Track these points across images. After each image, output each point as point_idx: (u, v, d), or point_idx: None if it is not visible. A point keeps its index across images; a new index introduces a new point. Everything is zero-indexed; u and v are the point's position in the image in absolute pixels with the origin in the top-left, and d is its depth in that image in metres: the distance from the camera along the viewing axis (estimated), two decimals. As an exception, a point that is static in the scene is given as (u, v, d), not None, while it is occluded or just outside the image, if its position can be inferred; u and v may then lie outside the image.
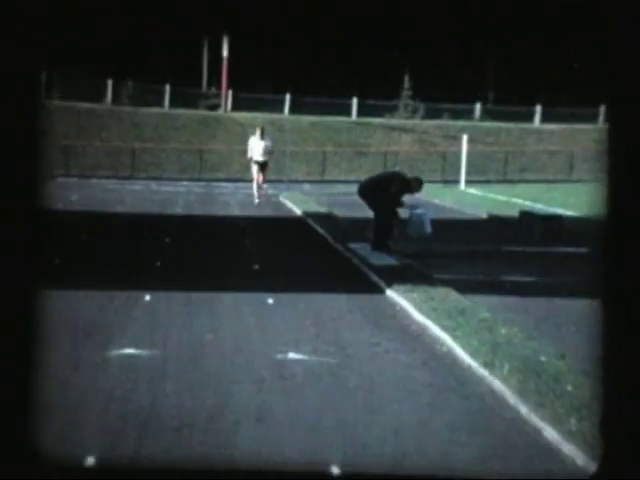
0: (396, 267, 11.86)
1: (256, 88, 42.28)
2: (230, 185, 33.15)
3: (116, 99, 42.08)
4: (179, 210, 21.77)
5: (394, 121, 45.60)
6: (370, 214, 14.13)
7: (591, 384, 6.19)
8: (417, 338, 8.05)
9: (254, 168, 22.44)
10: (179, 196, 26.74)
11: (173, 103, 42.92)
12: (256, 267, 12.26)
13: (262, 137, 22.34)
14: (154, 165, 37.78)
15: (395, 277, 10.73)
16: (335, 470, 4.72)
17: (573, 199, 26.63)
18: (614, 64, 3.49)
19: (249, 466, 4.85)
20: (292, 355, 7.28)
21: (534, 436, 5.36)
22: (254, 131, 23.70)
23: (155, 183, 33.10)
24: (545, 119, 47.51)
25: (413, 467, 4.80)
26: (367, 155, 42.25)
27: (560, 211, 21.32)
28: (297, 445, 5.18)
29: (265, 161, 22.26)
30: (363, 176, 23.00)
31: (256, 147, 22.27)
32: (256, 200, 22.20)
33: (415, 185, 14.04)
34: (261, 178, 22.40)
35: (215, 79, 45.14)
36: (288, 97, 44.96)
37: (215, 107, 44.21)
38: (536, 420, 5.53)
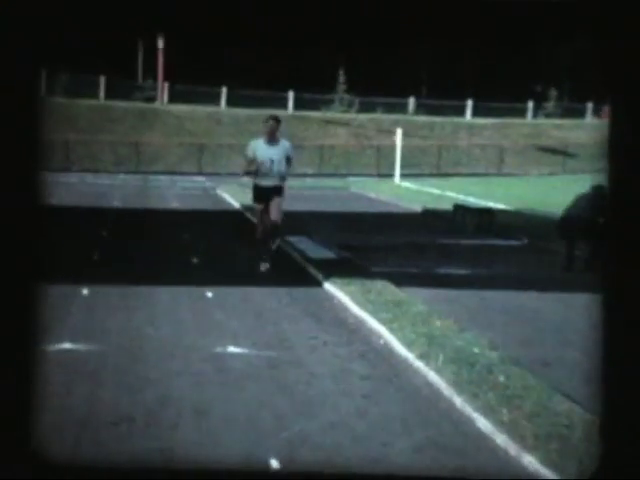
0: (333, 260, 11.99)
1: (193, 80, 42.12)
2: (167, 178, 33.00)
3: (50, 90, 41.55)
4: (116, 203, 21.63)
5: (330, 114, 45.84)
6: (306, 207, 14.19)
7: (521, 374, 6.39)
8: (355, 331, 8.18)
9: (257, 204, 11.45)
10: (116, 189, 26.56)
11: (108, 95, 42.56)
12: (195, 260, 12.30)
13: (274, 139, 11.10)
14: (89, 157, 37.42)
15: (332, 270, 10.86)
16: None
17: (504, 192, 27.10)
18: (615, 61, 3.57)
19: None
20: (231, 349, 7.35)
21: (468, 426, 5.50)
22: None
23: (91, 175, 32.79)
24: (476, 113, 48.31)
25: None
26: (304, 148, 42.31)
27: (492, 204, 21.69)
28: (236, 438, 5.24)
29: (279, 187, 11.27)
30: (300, 169, 22.96)
31: (264, 158, 11.11)
32: (263, 265, 11.34)
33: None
34: (271, 219, 11.31)
35: (151, 71, 44.84)
36: (225, 90, 44.87)
37: (151, 99, 43.91)
38: (470, 410, 5.68)
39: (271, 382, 6.42)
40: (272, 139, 11.07)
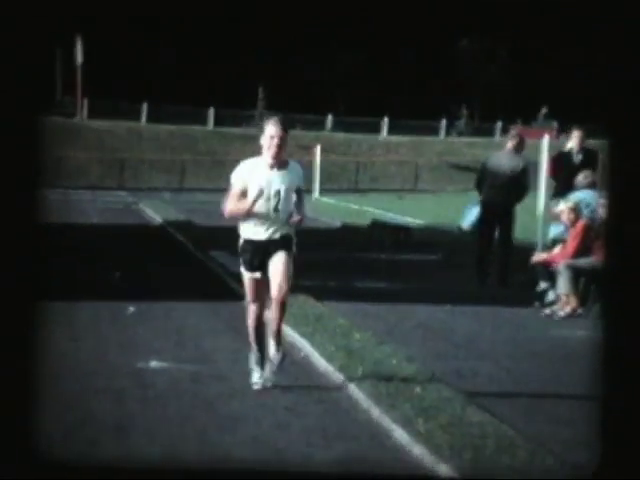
0: (254, 275, 12.10)
1: (112, 96, 41.84)
2: (88, 193, 32.69)
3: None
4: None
5: (251, 131, 46.03)
6: (228, 223, 14.25)
7: (437, 386, 6.59)
8: (276, 345, 8.29)
9: (250, 272, 6.68)
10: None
11: (26, 110, 42.04)
12: (117, 275, 12.28)
13: (279, 160, 6.56)
14: (6, 172, 36.90)
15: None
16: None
17: (419, 208, 27.58)
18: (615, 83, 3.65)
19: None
20: (154, 363, 7.41)
21: (386, 438, 5.64)
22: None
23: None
24: (392, 131, 49.24)
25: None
26: (225, 164, 42.32)
27: (408, 220, 22.06)
28: (157, 454, 5.22)
29: (285, 239, 6.61)
30: (222, 185, 23.11)
31: (263, 191, 6.51)
32: (257, 376, 6.74)
33: None
34: (273, 293, 6.59)
35: (70, 87, 44.42)
36: (145, 106, 44.65)
37: (70, 115, 43.47)
38: (388, 422, 5.83)
39: (193, 397, 6.48)
40: (277, 160, 6.53)
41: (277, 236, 6.58)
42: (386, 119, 49.22)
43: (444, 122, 51.46)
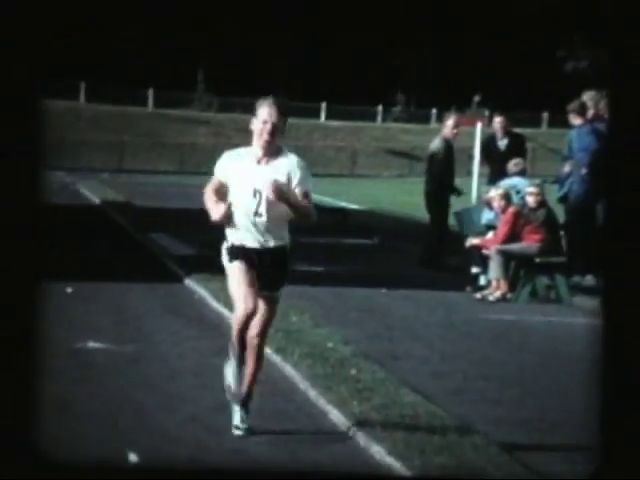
0: (194, 257, 12.17)
1: (50, 74, 41.29)
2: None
3: None
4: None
5: (189, 113, 45.84)
6: (167, 204, 14.33)
7: (372, 367, 6.76)
8: (215, 326, 8.37)
9: (239, 262, 5.43)
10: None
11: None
12: (54, 255, 12.23)
13: (269, 150, 5.32)
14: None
15: (193, 266, 11.03)
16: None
17: (357, 192, 27.81)
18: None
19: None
20: (91, 344, 7.45)
21: (321, 419, 5.77)
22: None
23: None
24: (330, 116, 49.45)
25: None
26: (164, 146, 42.14)
27: (345, 204, 22.27)
28: (96, 435, 5.27)
29: (278, 252, 5.61)
30: (162, 166, 22.92)
31: (245, 189, 5.34)
32: (239, 423, 5.40)
33: None
34: (258, 328, 5.82)
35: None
36: (83, 85, 44.13)
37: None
38: (323, 403, 5.96)
39: (132, 377, 6.55)
40: (266, 150, 5.35)
41: (267, 246, 5.45)
42: (324, 104, 49.39)
43: (380, 108, 51.74)
